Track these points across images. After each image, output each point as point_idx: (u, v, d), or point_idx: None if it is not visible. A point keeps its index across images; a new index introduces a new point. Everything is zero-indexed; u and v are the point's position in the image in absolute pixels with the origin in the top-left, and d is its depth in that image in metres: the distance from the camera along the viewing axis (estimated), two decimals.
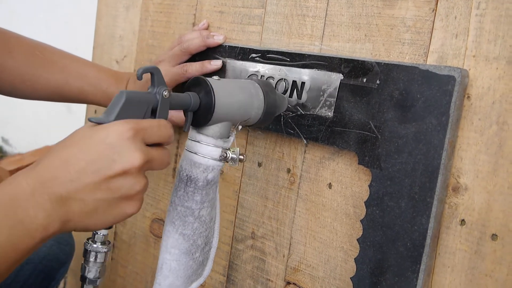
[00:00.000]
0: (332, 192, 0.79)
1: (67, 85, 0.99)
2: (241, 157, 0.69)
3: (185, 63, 0.93)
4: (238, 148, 0.69)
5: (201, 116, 0.66)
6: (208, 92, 0.65)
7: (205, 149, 0.66)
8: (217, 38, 0.93)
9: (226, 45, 0.92)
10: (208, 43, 0.93)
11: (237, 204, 0.92)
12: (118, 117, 0.58)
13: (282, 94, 0.78)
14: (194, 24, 1.02)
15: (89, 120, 0.59)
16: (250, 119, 0.71)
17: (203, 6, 0.99)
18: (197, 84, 0.67)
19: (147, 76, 0.92)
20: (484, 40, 0.64)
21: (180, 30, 1.04)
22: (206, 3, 0.99)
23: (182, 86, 0.94)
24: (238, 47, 0.89)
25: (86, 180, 0.55)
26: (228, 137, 0.69)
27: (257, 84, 0.72)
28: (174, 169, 1.06)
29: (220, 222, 0.89)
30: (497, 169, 0.63)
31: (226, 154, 0.67)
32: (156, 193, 1.09)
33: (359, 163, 0.73)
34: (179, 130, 1.02)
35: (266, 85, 0.73)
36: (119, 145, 0.56)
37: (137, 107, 0.59)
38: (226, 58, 0.91)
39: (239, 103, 0.68)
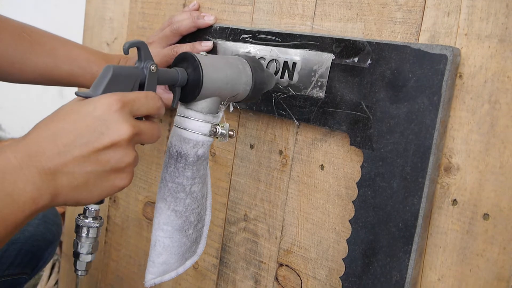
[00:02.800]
0: (324, 174, 0.78)
1: (56, 68, 0.98)
2: (231, 132, 0.69)
3: (175, 45, 0.92)
4: (228, 124, 0.69)
5: (189, 91, 0.66)
6: (196, 67, 0.65)
7: (194, 125, 0.66)
8: (208, 19, 0.92)
9: (217, 26, 0.91)
10: (198, 24, 0.92)
11: (229, 187, 0.92)
12: (105, 92, 0.58)
13: (270, 71, 0.78)
14: (184, 5, 1.00)
15: (76, 94, 0.59)
16: (238, 94, 0.71)
17: None
18: (185, 59, 0.67)
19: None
20: (476, 18, 0.63)
21: (171, 12, 1.03)
22: None
23: None
24: (229, 28, 0.88)
25: (75, 153, 0.55)
26: (217, 113, 0.69)
27: (244, 60, 0.73)
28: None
29: (212, 204, 0.89)
30: (488, 149, 0.63)
31: (216, 129, 0.67)
32: (148, 176, 1.09)
33: (351, 144, 0.72)
34: (171, 112, 1.02)
35: (253, 61, 0.73)
36: (107, 117, 0.56)
37: (124, 81, 0.59)
38: (217, 39, 0.90)
39: (227, 78, 0.68)
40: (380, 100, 0.69)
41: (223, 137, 0.68)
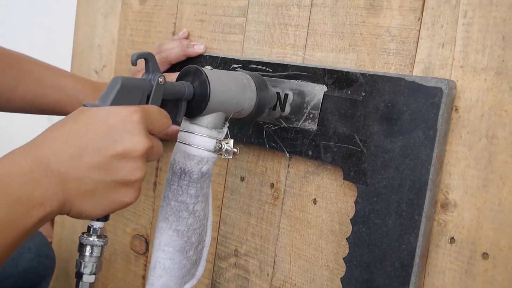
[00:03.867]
0: (317, 208, 0.76)
1: (44, 97, 0.97)
2: (235, 149, 0.68)
3: (164, 73, 0.90)
4: (232, 140, 0.67)
5: (195, 106, 0.65)
6: (203, 81, 0.64)
7: (199, 140, 0.65)
8: (198, 48, 0.91)
9: (207, 55, 0.90)
10: (188, 53, 0.91)
11: (219, 220, 0.90)
12: (114, 103, 0.57)
13: (272, 88, 0.77)
14: (174, 33, 0.99)
15: (83, 105, 0.57)
16: (243, 110, 0.70)
17: (183, 14, 0.97)
18: (190, 73, 0.66)
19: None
20: (471, 50, 0.62)
21: (160, 40, 1.02)
22: (186, 11, 0.97)
23: None
24: (219, 57, 0.87)
25: (86, 158, 0.54)
26: (222, 128, 0.68)
27: (248, 76, 0.72)
28: (155, 183, 1.03)
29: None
30: (486, 185, 0.61)
31: (221, 145, 0.66)
32: (136, 208, 1.06)
33: (344, 179, 0.70)
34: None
35: (257, 77, 0.73)
36: (123, 127, 0.55)
37: (133, 93, 0.58)
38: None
39: (233, 92, 0.68)
40: (374, 134, 0.67)
41: (227, 154, 0.67)
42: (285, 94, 0.77)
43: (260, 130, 0.80)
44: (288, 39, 0.81)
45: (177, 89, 0.64)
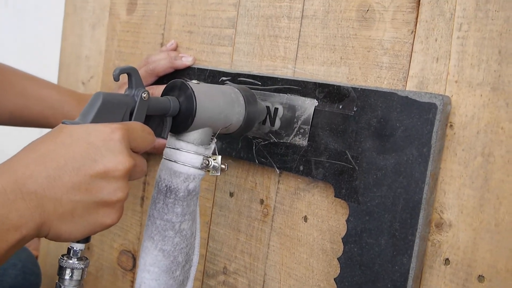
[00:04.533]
0: (307, 226, 0.74)
1: (26, 108, 0.94)
2: (223, 166, 0.66)
3: (151, 86, 0.89)
4: (220, 156, 0.66)
5: (181, 121, 0.63)
6: (189, 95, 0.63)
7: (186, 157, 0.64)
8: (186, 60, 0.89)
9: (195, 67, 0.87)
10: (176, 65, 0.89)
11: (208, 237, 0.87)
12: (95, 120, 0.55)
13: (261, 102, 0.75)
14: (162, 44, 0.97)
15: (63, 123, 0.55)
16: (231, 125, 0.69)
17: (171, 25, 0.95)
18: (176, 88, 0.64)
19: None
20: (466, 64, 0.60)
21: (148, 51, 1.00)
22: (174, 22, 0.94)
23: None
24: (207, 69, 0.85)
25: (64, 178, 0.52)
26: (209, 144, 0.66)
27: (237, 90, 0.70)
28: (142, 198, 1.00)
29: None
30: (483, 205, 0.58)
31: (208, 161, 0.65)
32: (124, 223, 1.03)
33: (335, 196, 0.68)
34: (147, 157, 0.97)
35: (246, 90, 0.71)
36: (104, 145, 0.53)
37: (115, 109, 0.56)
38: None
39: (220, 107, 0.66)
40: (366, 150, 0.65)
41: (215, 170, 0.65)
42: (275, 108, 0.75)
43: (249, 145, 0.78)
44: (278, 52, 0.78)
45: (162, 105, 0.62)
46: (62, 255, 0.60)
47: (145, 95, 0.58)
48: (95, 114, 0.55)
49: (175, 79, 0.87)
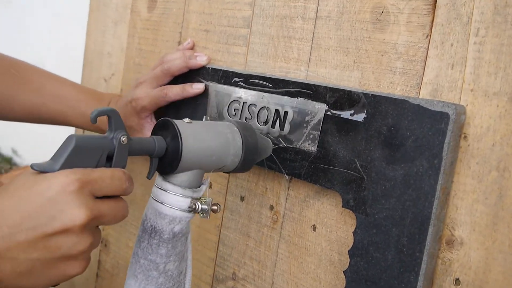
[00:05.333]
0: (316, 235, 0.71)
1: (44, 106, 0.94)
2: (214, 207, 0.63)
3: (165, 86, 0.87)
4: (211, 199, 0.63)
5: (167, 163, 0.60)
6: (175, 136, 0.59)
7: (172, 199, 0.60)
8: (200, 59, 0.86)
9: (209, 67, 0.85)
10: (190, 65, 0.86)
11: (218, 241, 0.85)
12: (65, 166, 0.52)
13: (266, 138, 0.71)
14: (180, 43, 0.95)
15: (31, 166, 0.53)
16: (225, 166, 0.65)
17: (189, 23, 0.93)
18: (165, 127, 0.61)
19: (130, 98, 0.86)
20: (483, 72, 0.56)
21: (167, 49, 0.98)
22: (192, 20, 0.92)
23: (164, 109, 0.88)
24: (221, 70, 0.83)
25: (20, 238, 0.49)
26: (199, 186, 0.63)
27: (235, 128, 0.66)
28: None
29: (200, 259, 0.83)
30: (497, 223, 0.54)
31: (195, 205, 0.61)
32: (139, 222, 1.02)
33: (343, 206, 0.65)
34: None
35: (245, 129, 0.67)
36: (61, 199, 0.50)
37: (89, 154, 0.53)
38: (209, 81, 0.84)
39: (211, 149, 0.62)
40: (376, 160, 0.62)
41: (204, 213, 0.62)
42: (285, 111, 0.72)
43: None
44: (292, 53, 0.75)
45: (146, 146, 0.58)
46: None
47: (124, 138, 0.55)
48: (65, 159, 0.52)
49: (188, 81, 0.86)
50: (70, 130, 1.14)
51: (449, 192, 0.57)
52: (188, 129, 0.60)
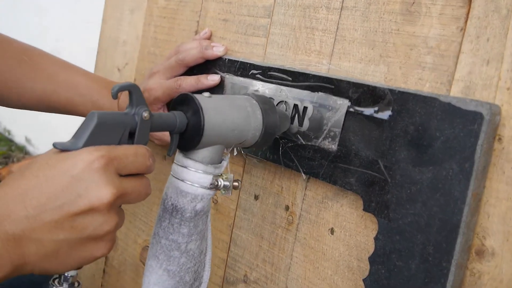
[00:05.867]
0: (334, 239, 0.68)
1: (55, 94, 0.92)
2: (235, 183, 0.62)
3: (179, 77, 0.85)
4: (232, 175, 0.62)
5: (188, 139, 0.59)
6: (196, 111, 0.58)
7: (193, 176, 0.59)
8: (217, 50, 0.84)
9: (226, 59, 0.82)
10: (206, 55, 0.84)
11: (230, 241, 0.82)
12: (88, 143, 0.51)
13: (284, 112, 0.70)
14: (197, 32, 0.92)
15: (53, 145, 0.52)
16: (246, 141, 0.64)
17: (207, 12, 0.90)
18: (184, 102, 0.60)
19: (143, 88, 0.84)
20: None
21: (183, 38, 0.95)
22: (210, 9, 0.89)
23: None
24: (238, 61, 0.80)
25: (46, 218, 0.48)
26: (221, 162, 0.62)
27: (254, 101, 0.65)
28: None
29: (211, 259, 0.80)
30: None
31: (218, 181, 0.61)
32: (149, 217, 1.00)
33: (364, 210, 0.61)
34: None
35: (264, 102, 0.66)
36: (87, 177, 0.49)
37: (112, 131, 0.52)
38: (225, 73, 0.82)
39: (233, 124, 0.61)
40: (401, 161, 0.58)
41: (226, 190, 0.62)
42: (304, 107, 0.69)
43: (275, 146, 0.72)
44: (314, 45, 0.72)
45: (166, 122, 0.57)
46: (53, 279, 0.57)
47: (146, 114, 0.54)
48: (88, 137, 0.51)
49: (203, 72, 0.84)
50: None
51: (481, 199, 0.54)
52: (209, 103, 0.59)
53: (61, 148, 0.51)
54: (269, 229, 0.76)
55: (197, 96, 0.59)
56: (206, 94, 0.61)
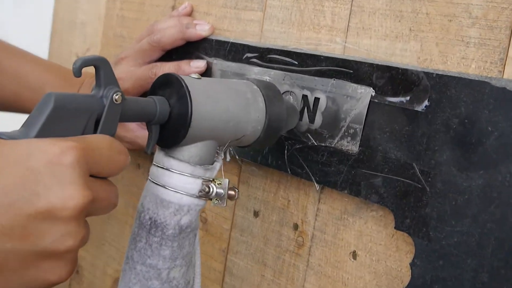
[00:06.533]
0: (357, 265, 0.66)
1: None
2: (232, 192, 0.61)
3: (155, 63, 0.84)
4: (227, 180, 0.60)
5: (171, 132, 0.58)
6: (182, 96, 0.57)
7: (178, 180, 0.58)
8: (201, 29, 0.83)
9: (212, 39, 0.81)
10: (188, 35, 0.83)
11: (224, 269, 0.81)
12: (43, 133, 0.48)
13: (292, 103, 0.70)
14: (174, 8, 0.92)
15: None
16: (244, 137, 0.63)
17: None
18: (167, 84, 0.59)
19: None
20: None
21: (157, 16, 0.94)
22: None
23: None
24: (228, 42, 0.79)
25: None
26: (213, 163, 0.61)
27: (255, 87, 0.65)
28: None
29: None
30: None
31: (209, 188, 0.59)
32: (120, 242, 0.99)
33: (396, 227, 0.60)
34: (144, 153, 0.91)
35: (268, 87, 0.65)
36: (49, 172, 0.45)
37: (73, 117, 0.50)
38: (213, 58, 0.81)
39: (229, 113, 0.60)
40: (443, 164, 0.56)
41: (219, 200, 0.60)
42: (315, 98, 0.68)
43: (280, 148, 0.71)
44: (323, 19, 0.70)
45: (144, 109, 0.56)
46: None
47: (117, 96, 0.52)
48: (42, 124, 0.48)
49: (185, 57, 0.81)
50: None
51: None
52: (198, 86, 0.58)
53: (7, 138, 0.48)
54: (274, 254, 0.75)
55: (183, 77, 0.58)
56: (194, 75, 0.60)
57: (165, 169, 0.58)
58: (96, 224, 1.01)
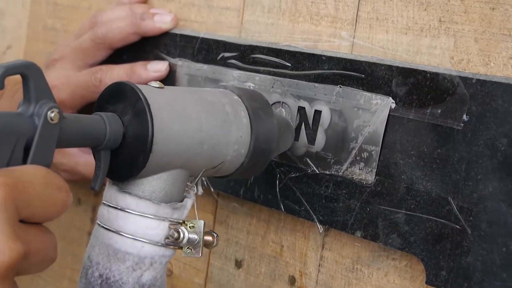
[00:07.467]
0: None
1: None
2: (209, 237, 0.62)
3: (99, 66, 0.86)
4: (203, 221, 0.61)
5: (127, 160, 0.59)
6: (139, 112, 0.57)
7: (137, 224, 0.59)
8: (160, 20, 0.85)
9: (177, 34, 0.84)
10: (143, 29, 0.85)
11: None
12: None
13: (285, 118, 0.72)
14: None
15: None
16: (224, 163, 0.64)
17: None
18: (119, 96, 0.60)
19: None
20: None
21: (100, 4, 0.98)
22: None
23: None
24: (198, 37, 0.82)
25: None
26: (182, 200, 0.62)
27: (236, 97, 0.66)
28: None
29: None
30: None
31: (179, 233, 0.59)
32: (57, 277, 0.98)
33: (427, 283, 0.61)
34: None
35: (253, 98, 0.67)
36: None
37: None
38: (177, 59, 0.82)
39: (202, 133, 0.62)
40: (488, 198, 0.58)
41: (192, 248, 0.61)
42: (315, 111, 0.70)
43: (270, 178, 0.74)
44: (324, 8, 0.73)
45: (88, 130, 0.57)
46: None
47: (53, 114, 0.52)
48: None
49: (139, 58, 0.81)
50: None
51: None
52: (160, 98, 0.59)
53: None
54: None
55: (141, 86, 0.58)
56: (154, 83, 0.61)
57: (120, 209, 0.59)
58: (24, 281, 1.00)
